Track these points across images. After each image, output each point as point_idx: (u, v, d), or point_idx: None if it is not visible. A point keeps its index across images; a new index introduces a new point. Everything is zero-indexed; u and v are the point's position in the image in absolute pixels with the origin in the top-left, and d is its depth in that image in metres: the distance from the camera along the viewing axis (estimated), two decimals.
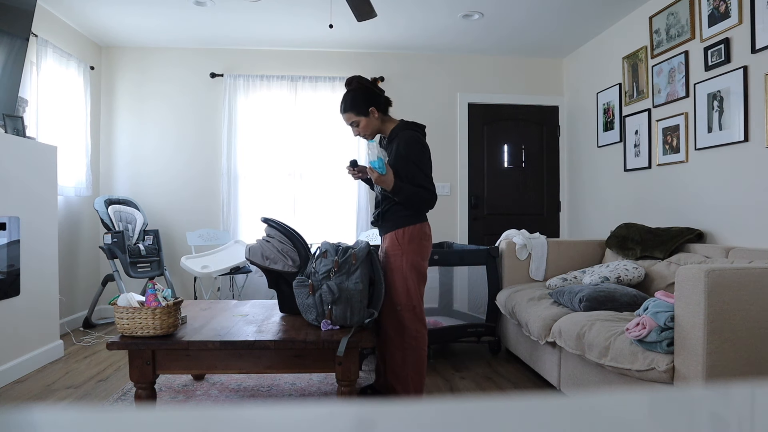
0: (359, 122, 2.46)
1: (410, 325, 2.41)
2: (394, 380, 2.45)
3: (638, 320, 2.08)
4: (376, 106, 2.46)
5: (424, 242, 2.44)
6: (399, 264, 2.40)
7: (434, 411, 0.41)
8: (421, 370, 2.46)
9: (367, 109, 2.44)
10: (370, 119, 2.45)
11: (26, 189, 3.16)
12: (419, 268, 2.43)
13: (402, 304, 2.41)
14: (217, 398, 2.74)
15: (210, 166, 4.97)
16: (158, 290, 2.15)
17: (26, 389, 2.87)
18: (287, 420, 0.40)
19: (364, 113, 2.44)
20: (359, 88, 2.46)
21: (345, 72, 5.05)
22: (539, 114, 5.31)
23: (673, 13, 3.56)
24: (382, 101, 2.49)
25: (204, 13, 4.17)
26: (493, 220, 5.25)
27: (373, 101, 2.45)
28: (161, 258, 4.46)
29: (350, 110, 2.46)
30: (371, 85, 2.49)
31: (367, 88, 2.47)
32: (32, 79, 3.82)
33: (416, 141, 2.40)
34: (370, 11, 3.14)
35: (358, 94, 2.45)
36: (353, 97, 2.45)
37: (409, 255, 2.40)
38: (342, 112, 2.49)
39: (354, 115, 2.45)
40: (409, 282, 2.40)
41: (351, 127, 2.50)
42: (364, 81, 2.49)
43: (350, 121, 2.48)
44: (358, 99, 2.44)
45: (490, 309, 3.55)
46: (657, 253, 3.17)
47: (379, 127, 2.50)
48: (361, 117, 2.45)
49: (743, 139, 2.97)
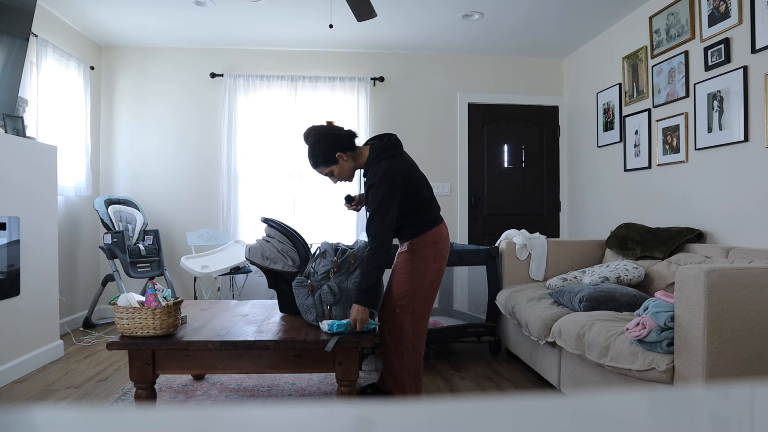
0: (333, 171, 2.40)
1: (407, 327, 2.39)
2: (391, 383, 2.45)
3: (638, 320, 2.08)
4: (342, 150, 2.38)
5: (440, 245, 2.40)
6: (406, 267, 2.38)
7: (434, 411, 0.41)
8: (417, 372, 2.44)
9: (334, 155, 2.37)
10: (342, 164, 2.39)
11: (26, 189, 3.15)
12: (429, 271, 2.39)
13: (402, 306, 2.38)
14: (217, 398, 2.74)
15: (210, 166, 4.97)
16: (158, 290, 2.15)
17: (26, 389, 2.87)
18: (287, 420, 0.40)
19: (333, 161, 2.38)
20: (318, 139, 2.38)
21: (345, 72, 5.05)
22: (539, 114, 5.31)
23: (673, 13, 3.56)
24: (345, 141, 2.40)
25: (204, 13, 4.17)
26: (493, 220, 5.25)
27: (337, 146, 2.37)
28: (161, 258, 4.46)
29: (321, 164, 2.39)
30: (328, 131, 2.41)
31: (325, 136, 2.38)
32: (32, 79, 3.81)
33: (383, 177, 2.28)
34: (370, 11, 3.14)
35: (320, 145, 2.37)
36: (316, 151, 2.38)
37: (421, 259, 2.37)
38: (313, 167, 2.43)
39: (325, 168, 2.40)
40: (414, 284, 2.37)
41: (329, 178, 2.44)
42: (320, 129, 2.41)
43: (325, 173, 2.42)
44: (323, 150, 2.37)
45: (490, 309, 3.55)
46: (657, 253, 3.17)
47: (353, 166, 2.43)
48: (333, 166, 2.39)
49: (743, 139, 2.97)
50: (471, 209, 5.21)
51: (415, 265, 2.37)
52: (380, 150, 2.37)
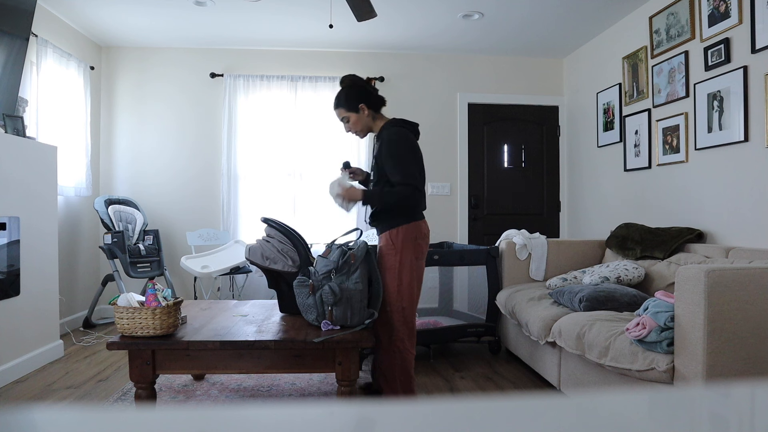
0: (349, 118, 2.50)
1: (398, 326, 2.40)
2: (383, 382, 2.45)
3: (638, 320, 2.08)
4: (366, 104, 2.49)
5: (419, 241, 2.42)
6: (392, 263, 2.39)
7: (434, 411, 0.41)
8: (409, 371, 2.44)
9: (357, 105, 2.48)
10: (360, 116, 2.49)
11: (26, 189, 3.16)
12: (413, 268, 2.41)
13: (392, 304, 2.39)
14: (217, 398, 2.74)
15: (210, 166, 4.97)
16: (158, 290, 2.15)
17: (26, 389, 2.87)
18: (287, 420, 0.40)
19: (354, 109, 2.48)
20: (351, 85, 2.51)
21: (345, 72, 5.03)
22: (539, 114, 5.31)
23: (673, 13, 3.56)
24: (373, 99, 2.52)
25: (204, 13, 4.17)
26: (493, 220, 5.25)
27: (363, 98, 2.48)
28: (161, 258, 4.46)
29: (341, 106, 2.50)
30: (364, 83, 2.53)
31: (358, 85, 2.51)
32: (32, 79, 3.81)
33: (400, 137, 2.40)
34: (370, 11, 3.14)
35: (350, 90, 2.50)
36: (345, 94, 2.50)
37: (403, 255, 2.38)
38: (334, 108, 2.54)
39: (345, 111, 2.50)
40: (402, 283, 2.39)
41: (342, 123, 2.55)
42: (357, 79, 2.53)
43: (341, 117, 2.52)
44: (349, 95, 2.48)
45: (490, 309, 3.55)
46: (657, 253, 3.17)
47: (369, 125, 2.53)
48: (351, 113, 2.49)
49: (743, 139, 2.97)
50: (471, 209, 5.21)
51: (402, 264, 2.39)
52: (401, 120, 2.51)
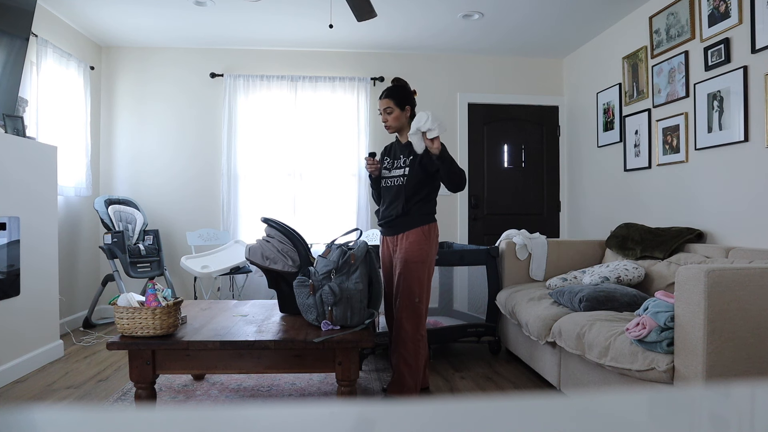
0: (393, 111, 2.65)
1: (425, 316, 2.61)
2: (407, 370, 2.57)
3: (638, 320, 2.08)
4: (411, 107, 2.70)
5: (437, 241, 2.69)
6: (424, 256, 2.59)
7: (434, 411, 0.41)
8: (426, 361, 2.69)
9: (405, 105, 2.67)
10: (402, 114, 2.67)
11: (26, 189, 3.15)
12: (433, 264, 2.65)
13: (420, 295, 2.58)
14: (217, 398, 2.74)
15: (210, 166, 4.97)
16: (158, 290, 2.15)
17: (26, 389, 2.87)
18: (287, 420, 0.40)
19: (401, 107, 2.66)
20: (405, 86, 2.71)
21: (345, 72, 5.05)
22: (539, 114, 5.31)
23: (673, 13, 3.56)
24: (413, 109, 2.72)
25: (204, 13, 4.17)
26: (493, 220, 5.25)
27: (410, 102, 2.69)
28: (161, 258, 4.46)
29: (391, 97, 2.65)
30: (413, 92, 2.76)
31: (408, 90, 2.72)
32: (32, 79, 3.81)
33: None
34: (370, 11, 3.14)
35: (403, 90, 2.69)
36: (398, 90, 2.67)
37: (432, 249, 2.62)
38: (381, 98, 2.68)
39: (393, 104, 2.65)
40: (430, 275, 2.62)
41: (382, 114, 2.68)
42: (408, 85, 2.74)
43: (385, 107, 2.66)
44: (403, 94, 2.67)
45: (490, 309, 3.55)
46: (657, 253, 3.17)
47: (403, 126, 2.70)
48: (398, 108, 2.65)
49: (743, 139, 2.97)
50: (471, 209, 5.21)
51: (431, 258, 2.62)
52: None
